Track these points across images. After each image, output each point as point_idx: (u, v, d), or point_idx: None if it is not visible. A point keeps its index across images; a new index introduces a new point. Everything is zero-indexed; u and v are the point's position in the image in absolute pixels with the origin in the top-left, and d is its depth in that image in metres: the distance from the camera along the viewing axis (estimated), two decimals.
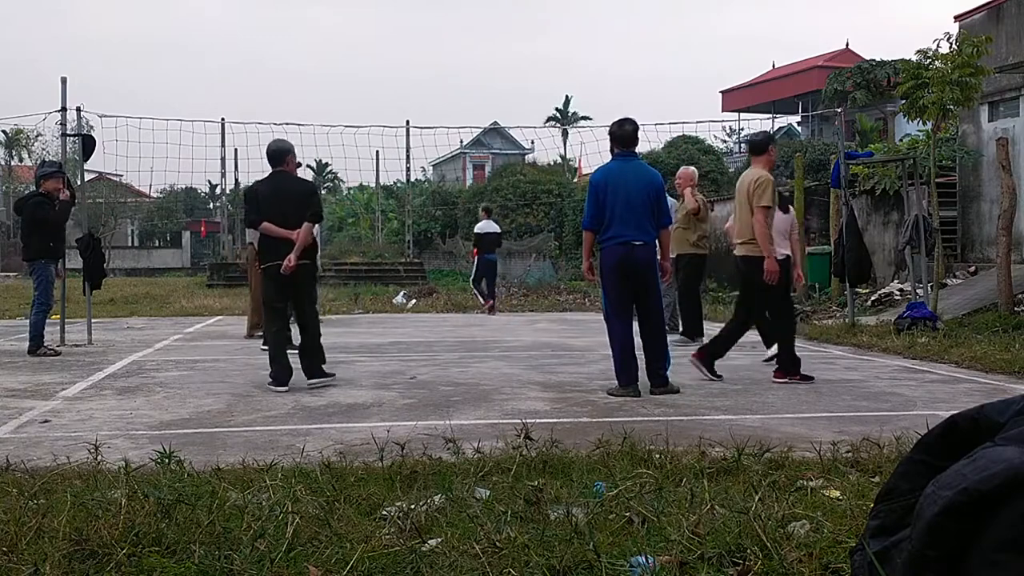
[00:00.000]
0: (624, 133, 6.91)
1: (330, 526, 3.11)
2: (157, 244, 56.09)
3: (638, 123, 7.00)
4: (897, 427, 4.98)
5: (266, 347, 9.66)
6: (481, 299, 17.25)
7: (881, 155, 17.21)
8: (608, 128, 7.03)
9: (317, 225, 7.50)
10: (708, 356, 7.59)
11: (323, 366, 7.39)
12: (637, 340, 6.87)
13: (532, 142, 52.68)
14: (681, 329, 10.65)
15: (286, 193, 7.25)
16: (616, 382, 6.78)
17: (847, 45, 40.71)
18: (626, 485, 3.56)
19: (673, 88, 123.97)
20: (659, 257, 7.02)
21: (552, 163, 42.62)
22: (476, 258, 17.32)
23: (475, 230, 17.76)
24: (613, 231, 6.75)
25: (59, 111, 11.94)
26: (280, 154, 7.38)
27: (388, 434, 4.66)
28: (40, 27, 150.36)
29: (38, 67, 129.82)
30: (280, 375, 7.11)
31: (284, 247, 7.11)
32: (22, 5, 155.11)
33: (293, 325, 7.63)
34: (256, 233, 9.67)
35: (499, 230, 18.06)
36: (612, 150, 6.99)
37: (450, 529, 3.10)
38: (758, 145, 7.62)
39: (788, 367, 7.32)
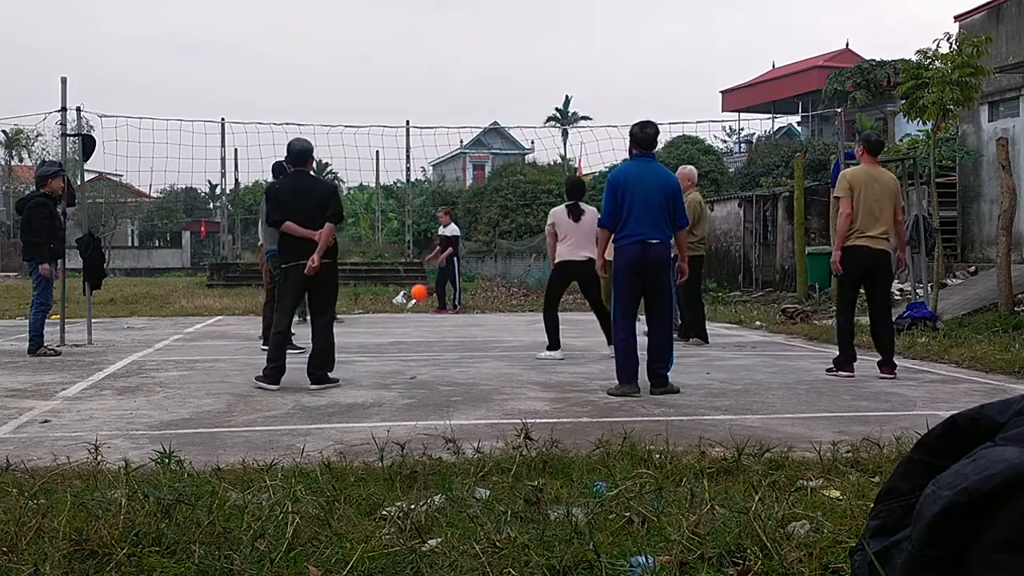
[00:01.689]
0: (645, 136, 7.06)
1: (330, 526, 3.11)
2: (157, 244, 56.10)
3: (657, 126, 7.10)
4: (897, 427, 4.98)
5: (267, 347, 9.70)
6: (457, 303, 16.94)
7: (881, 155, 17.19)
8: (629, 129, 7.15)
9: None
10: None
11: (329, 373, 7.29)
12: (638, 340, 6.88)
13: (532, 142, 52.78)
14: (682, 330, 10.63)
15: (307, 193, 7.31)
16: (616, 382, 6.79)
17: (847, 45, 40.73)
18: (626, 485, 3.55)
19: (673, 88, 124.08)
20: (676, 258, 7.13)
21: (552, 163, 42.58)
22: (456, 262, 16.65)
23: (448, 232, 16.77)
24: (630, 228, 6.82)
25: (59, 111, 11.95)
26: (305, 155, 7.47)
27: (388, 434, 4.66)
28: (41, 27, 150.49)
29: (39, 67, 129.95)
30: (272, 374, 7.14)
31: (307, 247, 7.16)
32: (22, 5, 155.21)
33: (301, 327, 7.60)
34: (269, 234, 9.68)
35: None
36: (631, 151, 7.17)
37: (450, 529, 3.10)
38: (880, 145, 7.86)
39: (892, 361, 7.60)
